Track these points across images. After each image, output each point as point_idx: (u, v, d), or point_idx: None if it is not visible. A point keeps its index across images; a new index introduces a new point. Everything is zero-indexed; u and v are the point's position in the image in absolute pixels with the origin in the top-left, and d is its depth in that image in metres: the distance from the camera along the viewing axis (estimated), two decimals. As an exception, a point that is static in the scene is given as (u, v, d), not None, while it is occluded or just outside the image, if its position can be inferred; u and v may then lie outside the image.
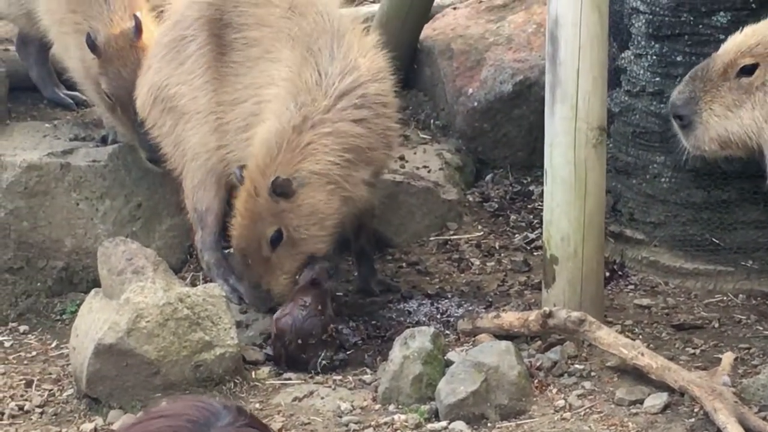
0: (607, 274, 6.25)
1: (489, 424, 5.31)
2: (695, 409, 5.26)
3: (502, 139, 7.35)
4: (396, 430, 5.28)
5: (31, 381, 5.81)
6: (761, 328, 6.00)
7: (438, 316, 6.20)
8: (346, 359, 5.87)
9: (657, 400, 5.32)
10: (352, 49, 6.03)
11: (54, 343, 6.18)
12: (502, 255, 6.71)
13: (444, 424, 5.29)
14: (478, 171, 7.36)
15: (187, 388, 5.53)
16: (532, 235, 6.81)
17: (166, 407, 2.41)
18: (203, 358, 5.56)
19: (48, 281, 6.49)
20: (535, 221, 6.88)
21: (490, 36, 7.51)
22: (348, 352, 5.93)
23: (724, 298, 6.24)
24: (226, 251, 6.53)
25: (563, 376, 5.59)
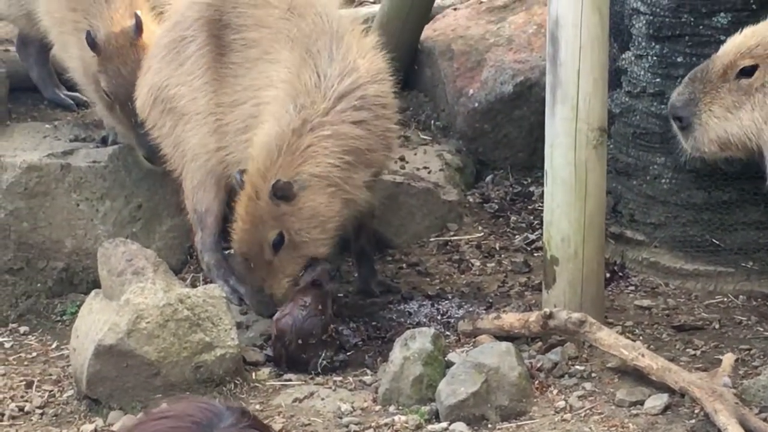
0: (608, 275, 6.24)
1: (489, 425, 5.31)
2: (696, 411, 5.26)
3: (502, 140, 7.35)
4: (396, 431, 5.28)
5: (31, 382, 5.81)
6: (762, 329, 6.00)
7: (438, 317, 6.20)
8: (346, 360, 5.87)
9: (657, 401, 5.32)
10: (351, 50, 6.03)
11: (54, 344, 6.18)
12: (503, 256, 6.71)
13: (444, 425, 5.28)
14: (478, 172, 7.36)
15: (188, 389, 5.53)
16: (532, 236, 6.81)
17: (169, 408, 2.42)
18: (203, 359, 5.56)
19: (48, 282, 6.49)
20: (535, 222, 6.88)
21: (490, 37, 7.51)
22: (348, 353, 5.93)
23: (725, 299, 6.24)
24: (226, 252, 6.53)
25: (564, 377, 5.59)
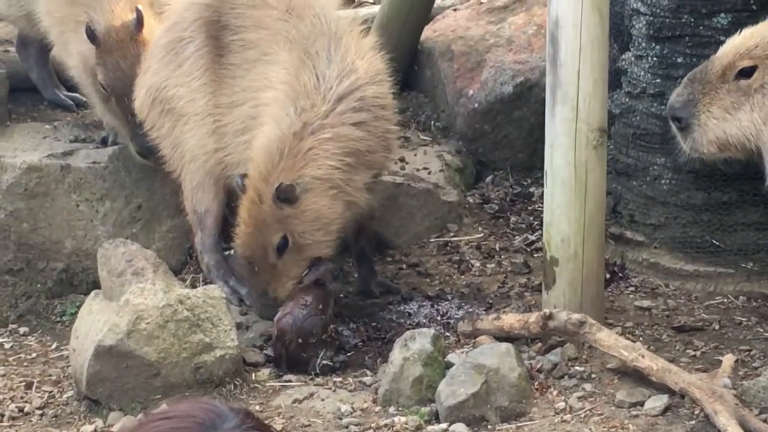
0: (608, 276, 6.24)
1: (489, 426, 5.31)
2: (696, 411, 5.26)
3: (502, 140, 7.35)
4: (396, 432, 5.28)
5: (31, 383, 5.81)
6: (761, 330, 5.99)
7: (438, 318, 6.19)
8: (346, 361, 5.86)
9: (657, 402, 5.32)
10: (350, 51, 6.03)
11: (54, 345, 6.18)
12: (503, 257, 6.71)
13: (444, 426, 5.28)
14: (478, 172, 7.36)
15: (187, 389, 5.52)
16: (532, 237, 6.81)
17: (172, 408, 2.42)
18: (203, 360, 5.56)
19: (48, 283, 6.49)
20: (535, 223, 6.88)
21: (490, 37, 7.51)
22: (348, 354, 5.93)
23: (725, 300, 6.24)
24: (225, 253, 6.53)
25: (563, 378, 5.58)
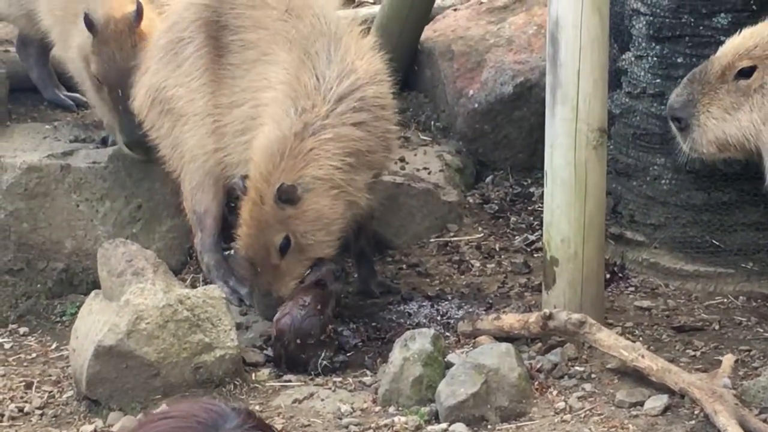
0: (608, 276, 6.24)
1: (489, 426, 5.31)
2: (696, 411, 5.26)
3: (502, 140, 7.35)
4: (396, 432, 5.28)
5: (30, 383, 5.81)
6: (761, 330, 5.99)
7: (438, 318, 6.19)
8: (346, 361, 5.86)
9: (657, 402, 5.32)
10: (350, 51, 6.03)
11: (54, 345, 6.18)
12: (503, 257, 6.71)
13: (444, 426, 5.28)
14: (478, 172, 7.36)
15: (187, 390, 5.52)
16: (532, 237, 6.81)
17: (173, 408, 2.42)
18: (203, 360, 5.56)
19: (48, 283, 6.49)
20: (535, 223, 6.88)
21: (490, 37, 7.51)
22: (348, 354, 5.93)
23: (725, 300, 6.24)
24: (225, 253, 6.54)
25: (563, 378, 5.58)
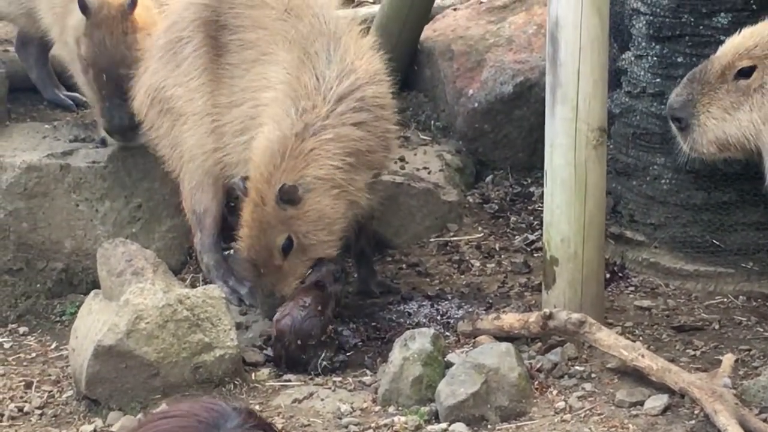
0: (608, 276, 6.24)
1: (489, 426, 5.30)
2: (696, 411, 5.25)
3: (502, 140, 7.35)
4: (396, 432, 5.28)
5: (30, 382, 5.80)
6: (761, 330, 5.99)
7: (438, 318, 6.19)
8: (346, 361, 5.86)
9: (657, 402, 5.32)
10: (349, 51, 6.03)
11: (53, 345, 6.18)
12: (503, 256, 6.71)
13: (444, 425, 5.28)
14: (478, 172, 7.36)
15: (187, 389, 5.52)
16: (532, 237, 6.81)
17: (175, 407, 2.42)
18: (203, 360, 5.56)
19: (48, 283, 6.49)
20: (535, 223, 6.88)
21: (490, 37, 7.50)
22: (348, 354, 5.93)
23: (725, 300, 6.24)
24: (225, 253, 6.54)
25: (563, 378, 5.58)
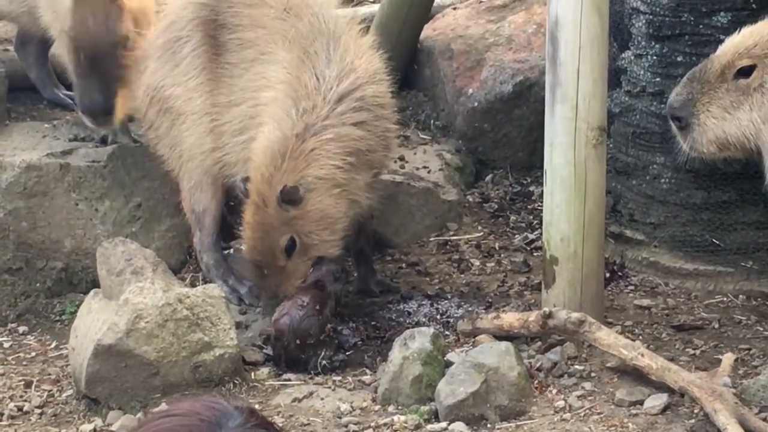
0: (607, 275, 6.24)
1: (489, 425, 5.30)
2: (695, 410, 5.25)
3: (502, 139, 7.35)
4: (395, 431, 5.27)
5: (30, 382, 5.80)
6: (761, 329, 5.99)
7: (438, 317, 6.19)
8: (345, 360, 5.86)
9: (657, 401, 5.32)
10: (349, 51, 6.03)
11: (53, 344, 6.18)
12: (502, 256, 6.71)
13: (444, 425, 5.28)
14: (478, 171, 7.36)
15: (187, 388, 5.52)
16: (532, 236, 6.81)
17: (176, 406, 2.42)
18: (202, 359, 5.56)
19: (47, 282, 6.48)
20: (535, 222, 6.88)
21: (490, 36, 7.50)
22: (347, 353, 5.93)
23: (724, 299, 6.24)
24: (225, 252, 6.54)
25: (563, 377, 5.58)
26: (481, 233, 6.92)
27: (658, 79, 6.31)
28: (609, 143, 6.20)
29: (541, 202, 6.19)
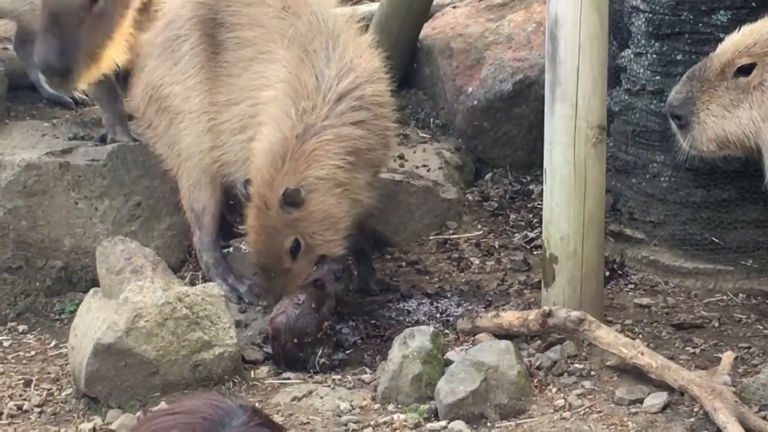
0: (607, 274, 6.24)
1: (488, 424, 5.30)
2: (695, 409, 5.25)
3: (501, 138, 7.34)
4: (395, 430, 5.27)
5: (29, 380, 5.80)
6: (761, 328, 5.99)
7: (437, 316, 6.19)
8: (345, 359, 5.86)
9: (657, 400, 5.31)
10: (348, 50, 6.03)
11: (53, 343, 6.17)
12: (502, 254, 6.71)
13: (443, 423, 5.28)
14: (477, 170, 7.36)
15: (186, 387, 5.52)
16: (531, 234, 6.81)
17: (180, 404, 2.42)
18: (202, 358, 5.55)
19: (47, 281, 6.48)
20: (534, 220, 6.88)
21: (489, 35, 7.50)
22: (347, 352, 5.92)
23: (724, 297, 6.24)
24: (225, 250, 6.53)
25: (563, 376, 5.58)
26: (481, 232, 6.92)
27: (657, 77, 6.31)
28: (609, 142, 6.20)
29: (541, 201, 6.19)
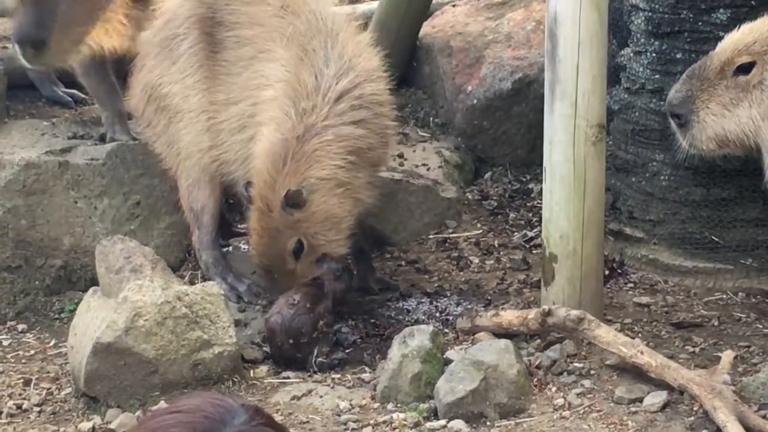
0: (607, 272, 6.24)
1: (488, 423, 5.30)
2: (695, 408, 5.25)
3: (501, 136, 7.34)
4: (395, 429, 5.27)
5: (29, 380, 5.80)
6: (761, 327, 5.99)
7: (437, 315, 6.19)
8: (344, 358, 5.86)
9: (656, 399, 5.31)
10: (347, 49, 6.03)
11: (52, 342, 6.17)
12: (501, 253, 6.71)
13: (443, 422, 5.28)
14: (477, 169, 7.36)
15: (186, 387, 5.52)
16: (531, 233, 6.81)
17: (182, 403, 2.42)
18: (201, 357, 5.55)
19: (46, 280, 6.48)
20: (534, 219, 6.88)
21: (489, 33, 7.50)
22: (347, 351, 5.92)
23: (724, 296, 6.24)
24: (224, 249, 6.53)
25: (562, 375, 5.58)
26: (481, 231, 6.92)
27: (657, 76, 6.31)
28: (608, 140, 6.20)
29: (541, 200, 6.19)
